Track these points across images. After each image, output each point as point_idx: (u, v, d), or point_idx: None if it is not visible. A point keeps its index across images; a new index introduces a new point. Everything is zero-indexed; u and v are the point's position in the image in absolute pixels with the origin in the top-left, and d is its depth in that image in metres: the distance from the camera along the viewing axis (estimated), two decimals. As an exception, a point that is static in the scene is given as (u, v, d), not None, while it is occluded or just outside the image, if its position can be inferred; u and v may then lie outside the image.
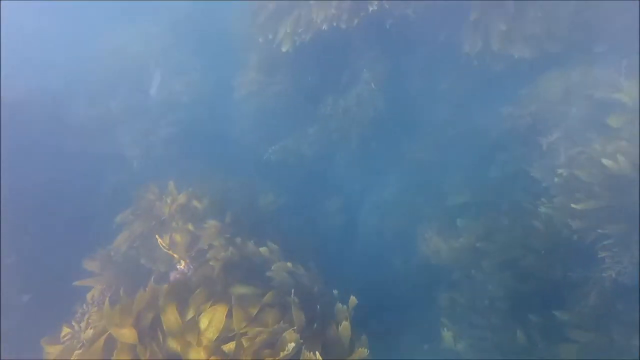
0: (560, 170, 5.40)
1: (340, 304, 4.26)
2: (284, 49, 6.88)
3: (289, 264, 4.63)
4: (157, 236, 4.76)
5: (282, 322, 3.72)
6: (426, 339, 5.74)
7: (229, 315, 3.68)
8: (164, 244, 4.49)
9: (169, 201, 5.59)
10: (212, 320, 3.58)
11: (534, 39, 6.31)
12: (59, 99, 8.07)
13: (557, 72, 6.35)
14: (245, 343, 3.49)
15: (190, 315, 3.71)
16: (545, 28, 6.23)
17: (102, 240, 5.72)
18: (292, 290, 4.08)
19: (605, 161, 4.95)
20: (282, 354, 3.40)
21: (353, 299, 4.32)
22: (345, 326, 3.97)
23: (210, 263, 4.36)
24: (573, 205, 4.99)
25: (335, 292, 4.60)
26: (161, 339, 3.59)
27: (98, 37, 10.87)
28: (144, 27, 10.82)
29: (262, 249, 4.84)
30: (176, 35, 10.52)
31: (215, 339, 3.55)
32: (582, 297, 5.13)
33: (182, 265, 4.46)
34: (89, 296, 4.87)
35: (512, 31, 6.28)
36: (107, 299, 4.01)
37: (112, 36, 10.81)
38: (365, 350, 3.89)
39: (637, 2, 5.71)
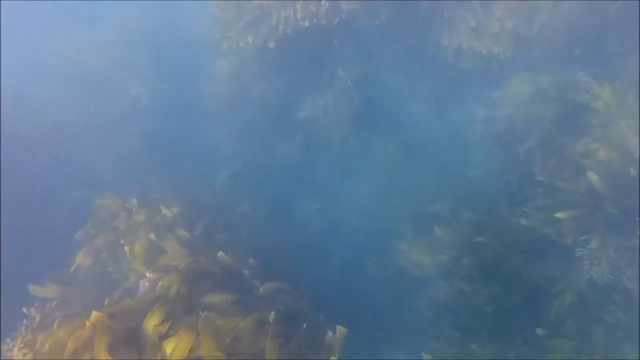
0: (539, 178, 5.36)
1: (330, 333, 4.03)
2: (270, 44, 6.58)
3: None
4: (126, 247, 4.39)
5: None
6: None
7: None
8: (129, 256, 4.13)
9: (134, 210, 5.20)
10: (176, 348, 3.25)
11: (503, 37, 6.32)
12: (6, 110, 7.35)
13: (527, 74, 6.35)
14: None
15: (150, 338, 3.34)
16: (513, 27, 6.25)
17: (61, 258, 5.27)
18: (272, 313, 3.78)
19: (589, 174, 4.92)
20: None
21: (341, 329, 4.07)
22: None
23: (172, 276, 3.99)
24: (556, 215, 4.96)
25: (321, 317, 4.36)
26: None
27: (47, 42, 10.04)
28: (95, 33, 10.12)
29: (223, 256, 4.50)
30: (133, 42, 9.92)
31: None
32: (560, 299, 5.15)
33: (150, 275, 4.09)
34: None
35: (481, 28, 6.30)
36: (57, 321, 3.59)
37: (64, 43, 10.02)
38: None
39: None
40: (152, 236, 4.65)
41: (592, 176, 4.94)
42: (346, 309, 5.26)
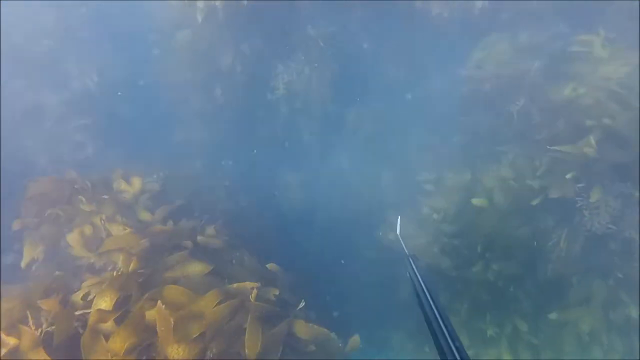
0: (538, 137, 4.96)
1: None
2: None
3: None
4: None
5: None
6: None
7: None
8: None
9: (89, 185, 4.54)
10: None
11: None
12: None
13: (503, 33, 5.95)
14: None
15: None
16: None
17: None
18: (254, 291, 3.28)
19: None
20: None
21: (356, 339, 3.75)
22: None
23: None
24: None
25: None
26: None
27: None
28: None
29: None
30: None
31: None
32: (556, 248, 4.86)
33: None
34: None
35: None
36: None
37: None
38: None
39: None
40: (98, 220, 4.03)
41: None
42: (330, 292, 4.83)
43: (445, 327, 1.88)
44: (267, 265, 4.37)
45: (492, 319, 4.95)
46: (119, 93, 8.02)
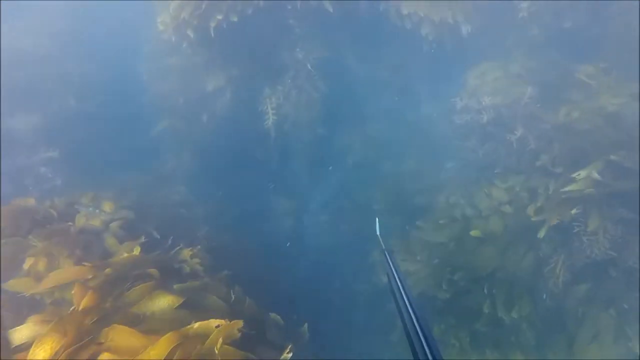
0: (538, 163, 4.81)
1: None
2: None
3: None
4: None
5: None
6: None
7: None
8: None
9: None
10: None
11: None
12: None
13: (495, 61, 5.93)
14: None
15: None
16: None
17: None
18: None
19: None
20: None
21: None
22: None
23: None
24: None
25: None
26: None
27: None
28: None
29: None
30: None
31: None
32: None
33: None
34: None
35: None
36: None
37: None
38: None
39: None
40: (57, 251, 3.61)
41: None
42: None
43: (419, 323, 1.87)
44: (248, 299, 3.97)
45: (492, 352, 4.57)
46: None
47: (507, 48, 5.79)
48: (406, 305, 2.01)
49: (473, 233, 4.92)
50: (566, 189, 4.41)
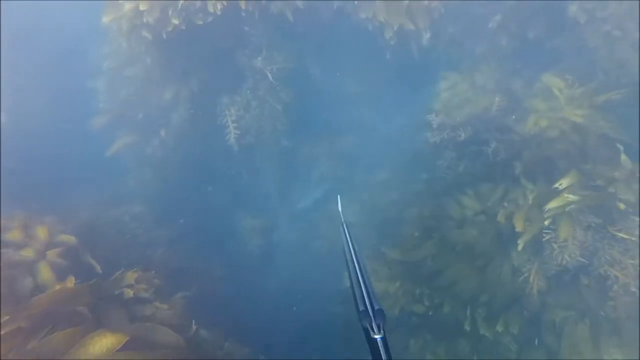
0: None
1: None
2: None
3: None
4: None
5: None
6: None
7: None
8: None
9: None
10: None
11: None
12: None
13: (460, 73, 5.81)
14: None
15: None
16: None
17: None
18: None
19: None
20: None
21: None
22: None
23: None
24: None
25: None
26: None
27: None
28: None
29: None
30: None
31: None
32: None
33: None
34: None
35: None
36: None
37: None
38: None
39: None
40: None
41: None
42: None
43: (367, 291, 2.29)
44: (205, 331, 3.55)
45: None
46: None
47: (476, 58, 5.74)
48: (355, 268, 2.42)
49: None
50: (548, 206, 4.34)
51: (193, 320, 4.11)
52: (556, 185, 4.38)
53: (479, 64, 5.62)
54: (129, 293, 3.44)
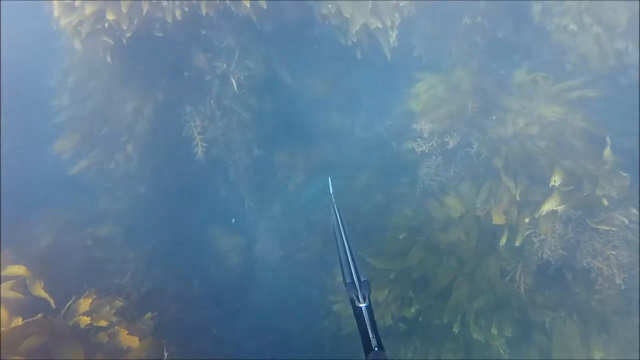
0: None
1: None
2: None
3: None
4: None
5: None
6: None
7: None
8: None
9: None
10: None
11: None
12: None
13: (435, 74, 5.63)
14: None
15: None
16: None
17: None
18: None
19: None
20: None
21: None
22: None
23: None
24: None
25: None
26: None
27: None
28: None
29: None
30: None
31: None
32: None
33: None
34: None
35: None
36: None
37: None
38: None
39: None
40: None
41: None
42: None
43: (354, 265, 2.54)
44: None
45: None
46: None
47: (451, 57, 5.66)
48: (343, 245, 2.68)
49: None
50: (542, 210, 4.33)
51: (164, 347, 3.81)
52: (551, 183, 4.31)
53: (454, 63, 5.55)
54: (85, 321, 3.12)
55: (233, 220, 6.17)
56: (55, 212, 6.16)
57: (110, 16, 4.87)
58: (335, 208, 3.24)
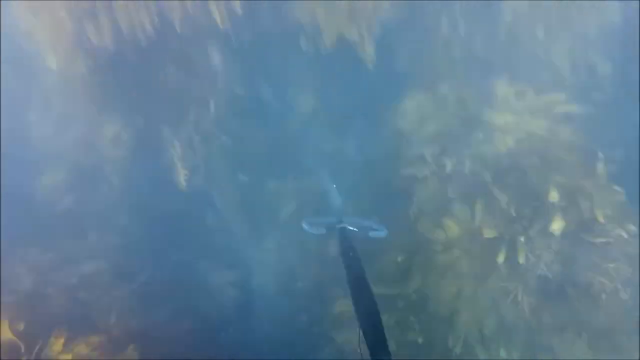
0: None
1: None
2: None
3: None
4: None
5: None
6: None
7: None
8: None
9: None
10: None
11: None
12: None
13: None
14: None
15: None
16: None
17: None
18: None
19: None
20: None
21: None
22: None
23: None
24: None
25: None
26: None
27: None
28: None
29: None
30: None
31: None
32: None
33: None
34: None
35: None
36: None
37: None
38: None
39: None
40: None
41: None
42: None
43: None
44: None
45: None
46: None
47: (434, 71, 5.67)
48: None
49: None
50: (552, 229, 4.31)
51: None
52: (550, 199, 4.30)
53: (438, 77, 5.52)
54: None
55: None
56: (35, 252, 5.87)
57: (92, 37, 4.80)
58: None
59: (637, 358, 3.79)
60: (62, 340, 3.61)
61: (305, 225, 3.53)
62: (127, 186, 5.83)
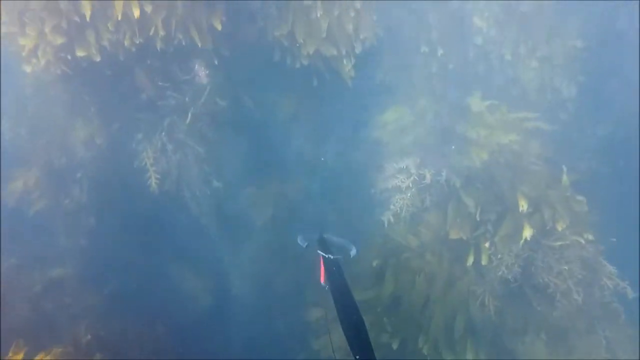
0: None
1: None
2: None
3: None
4: None
5: None
6: None
7: None
8: None
9: None
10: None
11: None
12: None
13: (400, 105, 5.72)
14: None
15: None
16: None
17: None
18: None
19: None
20: None
21: None
22: None
23: None
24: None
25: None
26: None
27: None
28: None
29: None
30: None
31: None
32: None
33: None
34: None
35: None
36: None
37: None
38: None
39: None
40: None
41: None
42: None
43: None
44: None
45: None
46: None
47: (412, 85, 5.83)
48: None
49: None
50: (523, 237, 4.51)
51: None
52: (520, 209, 4.52)
53: (417, 92, 5.71)
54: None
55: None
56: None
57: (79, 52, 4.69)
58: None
59: (638, 358, 4.02)
60: (21, 356, 3.37)
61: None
62: (99, 190, 5.63)
